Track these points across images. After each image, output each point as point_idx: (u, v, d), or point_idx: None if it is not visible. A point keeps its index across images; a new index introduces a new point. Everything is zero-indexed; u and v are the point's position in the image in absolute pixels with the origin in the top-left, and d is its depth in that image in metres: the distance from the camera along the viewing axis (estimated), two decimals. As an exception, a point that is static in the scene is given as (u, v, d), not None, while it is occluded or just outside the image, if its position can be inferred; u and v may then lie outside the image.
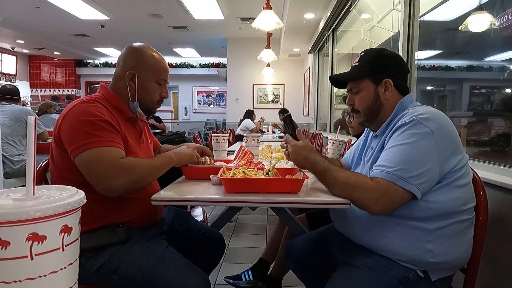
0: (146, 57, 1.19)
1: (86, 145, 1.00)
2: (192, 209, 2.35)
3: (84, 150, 1.00)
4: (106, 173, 1.00)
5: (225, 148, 1.87)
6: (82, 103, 1.08)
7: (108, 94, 1.17)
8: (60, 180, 1.09)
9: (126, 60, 1.19)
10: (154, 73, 1.20)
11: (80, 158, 1.00)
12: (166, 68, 1.24)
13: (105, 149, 1.02)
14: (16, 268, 0.41)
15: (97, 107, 1.08)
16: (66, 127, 1.04)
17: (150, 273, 1.01)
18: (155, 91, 1.22)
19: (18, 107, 3.08)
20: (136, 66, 1.18)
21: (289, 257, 1.36)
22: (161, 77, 1.22)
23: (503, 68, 1.89)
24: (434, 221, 0.96)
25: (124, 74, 1.17)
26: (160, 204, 1.05)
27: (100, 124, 1.04)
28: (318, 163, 1.06)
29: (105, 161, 1.00)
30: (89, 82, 11.46)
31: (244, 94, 8.09)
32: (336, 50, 4.87)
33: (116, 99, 1.17)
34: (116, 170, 1.01)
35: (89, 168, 1.00)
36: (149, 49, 1.22)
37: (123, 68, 1.18)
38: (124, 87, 1.18)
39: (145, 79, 1.19)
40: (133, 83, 1.17)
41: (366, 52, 1.16)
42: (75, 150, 1.00)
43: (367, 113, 1.13)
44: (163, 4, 5.63)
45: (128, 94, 1.18)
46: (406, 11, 2.26)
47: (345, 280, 1.00)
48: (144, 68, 1.18)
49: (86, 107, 1.07)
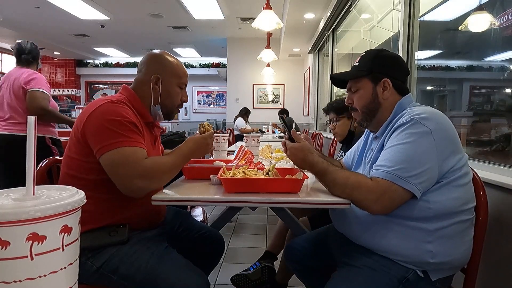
0: (168, 63, 1.24)
1: (113, 145, 1.01)
2: (192, 209, 2.35)
3: (111, 149, 1.01)
4: (132, 174, 1.01)
5: (225, 148, 1.87)
6: (109, 102, 1.09)
7: (131, 97, 1.19)
8: (72, 176, 1.09)
9: (149, 65, 1.23)
10: (176, 77, 1.24)
11: (106, 157, 1.01)
12: (186, 72, 1.29)
13: (131, 149, 1.03)
14: (16, 268, 0.42)
15: (125, 109, 1.10)
16: (93, 125, 1.04)
17: (150, 273, 1.01)
18: (177, 95, 1.26)
19: None
20: (160, 70, 1.22)
21: (289, 257, 1.36)
22: (182, 81, 1.27)
23: (503, 68, 1.89)
24: (434, 221, 0.95)
25: (147, 79, 1.21)
26: (160, 204, 1.05)
27: (128, 125, 1.06)
28: (316, 164, 1.06)
29: (130, 162, 1.01)
30: (89, 82, 11.45)
31: (244, 94, 8.09)
32: (336, 50, 4.87)
33: (139, 102, 1.19)
34: (140, 171, 1.02)
35: (114, 168, 1.02)
36: (169, 55, 1.27)
37: (146, 73, 1.22)
38: (147, 91, 1.21)
39: (168, 83, 1.23)
40: (157, 86, 1.21)
41: (367, 53, 1.17)
42: (102, 149, 1.01)
43: (365, 111, 1.13)
44: (163, 4, 5.63)
45: (150, 98, 1.21)
46: (406, 11, 2.26)
47: (345, 280, 1.00)
48: (167, 72, 1.22)
49: (114, 107, 1.08)
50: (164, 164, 1.10)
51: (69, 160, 1.10)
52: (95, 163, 1.04)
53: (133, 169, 1.01)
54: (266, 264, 1.80)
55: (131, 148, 1.03)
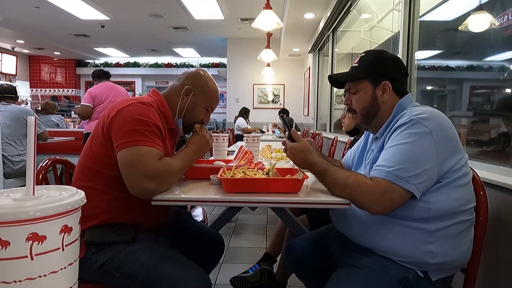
0: (206, 82, 1.28)
1: (132, 142, 1.03)
2: (192, 209, 2.35)
3: (129, 146, 1.02)
4: (143, 173, 1.02)
5: (225, 148, 1.87)
6: (139, 103, 1.11)
7: (160, 101, 1.21)
8: (92, 170, 1.11)
9: (188, 78, 1.27)
10: (207, 98, 1.28)
11: (123, 153, 1.03)
12: (218, 99, 1.33)
13: (148, 149, 1.04)
14: (16, 268, 0.42)
15: (152, 111, 1.12)
16: (118, 122, 1.06)
17: (152, 272, 1.02)
18: (200, 113, 1.28)
19: (18, 107, 3.08)
20: (196, 85, 1.25)
21: (289, 257, 1.36)
22: (211, 104, 1.30)
23: (503, 68, 1.89)
24: (435, 221, 0.95)
25: (181, 88, 1.24)
26: (160, 204, 1.05)
27: (152, 127, 1.08)
28: (316, 165, 1.06)
29: (144, 161, 1.02)
30: (89, 82, 11.44)
31: (244, 94, 8.09)
32: (336, 50, 4.87)
33: (166, 108, 1.21)
34: (152, 172, 1.02)
35: (128, 165, 1.03)
36: (211, 79, 1.31)
37: (182, 83, 1.26)
38: (176, 100, 1.23)
39: (197, 99, 1.25)
40: (186, 97, 1.24)
41: (366, 53, 1.16)
42: (121, 144, 1.03)
43: (364, 114, 1.13)
44: (163, 4, 5.63)
45: (177, 107, 1.23)
46: (406, 11, 2.26)
47: (345, 280, 1.00)
48: (201, 90, 1.26)
49: (142, 108, 1.10)
50: (175, 167, 1.11)
51: (91, 153, 1.12)
52: (115, 158, 1.05)
53: (145, 168, 1.02)
54: (265, 267, 1.80)
55: (148, 148, 1.04)
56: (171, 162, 1.11)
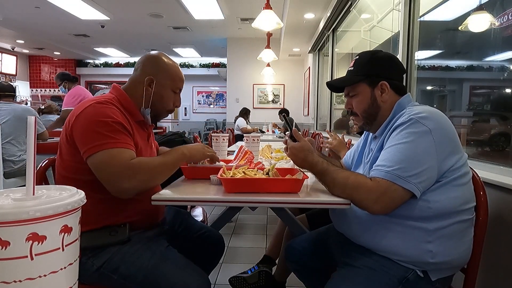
0: (165, 65, 1.22)
1: (99, 147, 1.00)
2: (192, 209, 2.34)
3: (97, 151, 1.00)
4: (117, 175, 1.00)
5: (225, 148, 1.87)
6: (96, 103, 1.07)
7: (121, 96, 1.17)
8: (66, 178, 1.09)
9: (145, 66, 1.21)
10: (171, 81, 1.22)
11: (92, 159, 1.01)
12: (183, 77, 1.27)
13: (115, 151, 1.02)
14: (16, 268, 0.42)
15: (112, 109, 1.08)
16: (80, 127, 1.04)
17: (151, 272, 1.01)
18: (169, 99, 1.24)
19: (21, 106, 3.07)
20: (155, 73, 1.19)
21: (289, 257, 1.36)
22: (177, 85, 1.24)
23: (503, 68, 1.89)
24: (434, 221, 0.95)
25: (141, 80, 1.19)
26: (160, 204, 1.05)
27: (114, 126, 1.04)
28: (316, 164, 1.06)
29: (116, 164, 1.00)
30: (89, 82, 11.46)
31: (244, 94, 8.09)
32: (336, 50, 4.87)
33: (129, 101, 1.18)
34: (126, 173, 1.01)
35: (101, 170, 1.01)
36: (167, 57, 1.25)
37: (141, 74, 1.20)
38: (140, 92, 1.19)
39: (162, 86, 1.20)
40: (150, 88, 1.19)
41: (360, 56, 1.16)
42: (88, 150, 1.01)
43: (365, 116, 1.13)
44: (163, 4, 5.62)
45: (142, 99, 1.19)
46: (406, 11, 2.26)
47: (344, 280, 1.00)
48: (162, 75, 1.20)
49: (100, 108, 1.06)
50: (152, 163, 1.08)
51: (62, 162, 1.10)
52: (85, 163, 1.03)
53: (118, 170, 1.00)
54: (263, 269, 1.81)
55: (117, 149, 1.02)
56: (146, 159, 1.09)
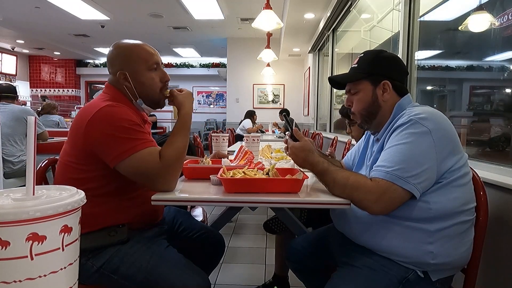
0: (126, 51, 1.14)
1: (128, 151, 1.00)
2: (192, 209, 2.34)
3: (127, 156, 1.00)
4: (153, 176, 1.02)
5: (225, 148, 1.87)
6: (107, 107, 1.03)
7: (117, 95, 1.14)
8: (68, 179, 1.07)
9: (112, 62, 1.15)
10: (141, 62, 1.13)
11: (124, 164, 1.01)
12: (151, 51, 1.16)
13: (146, 152, 1.03)
14: (16, 268, 0.41)
15: (124, 109, 1.06)
16: (99, 134, 1.00)
17: (150, 273, 1.01)
18: (152, 80, 1.15)
19: (18, 107, 3.07)
20: (123, 64, 1.13)
21: (289, 257, 1.36)
22: (151, 62, 1.14)
23: (503, 68, 1.89)
24: (435, 222, 0.95)
25: (117, 78, 1.13)
26: (160, 204, 1.05)
27: (134, 128, 1.04)
28: (317, 164, 1.06)
29: (150, 164, 1.02)
30: (89, 82, 11.45)
31: (244, 94, 8.09)
32: (336, 50, 4.87)
33: (124, 99, 1.15)
34: (161, 171, 1.03)
35: (136, 174, 1.02)
36: (125, 43, 1.17)
37: (113, 72, 1.15)
38: (124, 90, 1.15)
39: (136, 73, 1.13)
40: (128, 82, 1.13)
41: (365, 54, 1.16)
42: (118, 157, 1.00)
43: (364, 114, 1.13)
44: (163, 4, 5.62)
45: (129, 94, 1.15)
46: (406, 11, 2.26)
47: (345, 280, 1.00)
48: (130, 63, 1.12)
49: (114, 111, 1.03)
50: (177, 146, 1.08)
51: (68, 164, 1.08)
52: (97, 170, 1.03)
53: (155, 171, 1.02)
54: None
55: (147, 150, 1.03)
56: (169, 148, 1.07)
